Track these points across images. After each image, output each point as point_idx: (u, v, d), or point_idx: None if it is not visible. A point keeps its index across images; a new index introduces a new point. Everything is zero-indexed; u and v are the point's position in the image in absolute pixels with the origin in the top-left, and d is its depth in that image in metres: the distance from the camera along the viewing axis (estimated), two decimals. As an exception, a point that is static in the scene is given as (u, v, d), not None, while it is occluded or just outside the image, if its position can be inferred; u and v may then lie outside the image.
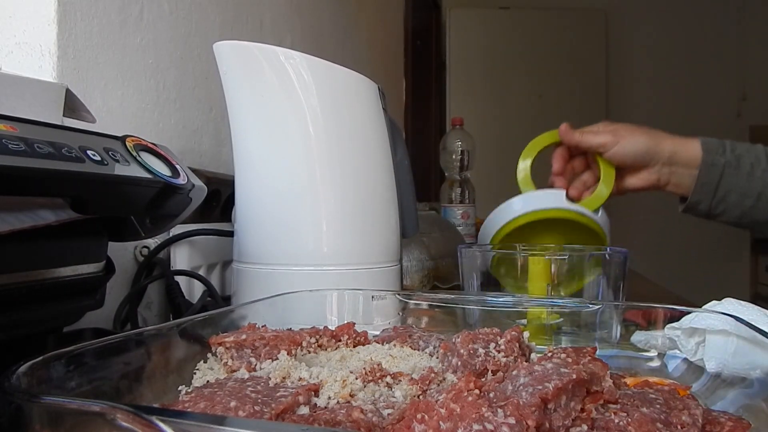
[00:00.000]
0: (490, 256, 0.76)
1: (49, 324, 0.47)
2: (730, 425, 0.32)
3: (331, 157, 0.66)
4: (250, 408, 0.31)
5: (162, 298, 0.74)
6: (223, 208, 0.89)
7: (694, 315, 0.48)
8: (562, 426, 0.30)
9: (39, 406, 0.26)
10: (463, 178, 1.51)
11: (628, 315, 0.52)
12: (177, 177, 0.51)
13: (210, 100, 0.95)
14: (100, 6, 0.70)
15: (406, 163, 0.78)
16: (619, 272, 0.71)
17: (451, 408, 0.29)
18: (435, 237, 1.11)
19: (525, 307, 0.59)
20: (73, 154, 0.41)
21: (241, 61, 0.66)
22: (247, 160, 0.68)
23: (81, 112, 0.55)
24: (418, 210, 0.83)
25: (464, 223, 1.46)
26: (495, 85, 3.63)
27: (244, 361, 0.42)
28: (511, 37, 3.65)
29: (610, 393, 0.34)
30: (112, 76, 0.73)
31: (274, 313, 0.53)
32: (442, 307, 0.59)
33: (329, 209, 0.66)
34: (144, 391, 0.39)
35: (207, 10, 0.95)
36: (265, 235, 0.66)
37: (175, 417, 0.24)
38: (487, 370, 0.41)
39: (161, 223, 0.55)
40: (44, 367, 0.31)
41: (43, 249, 0.44)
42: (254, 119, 0.67)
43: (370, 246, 0.68)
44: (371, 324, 0.55)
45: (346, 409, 0.32)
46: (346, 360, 0.45)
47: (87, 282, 0.48)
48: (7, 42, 0.62)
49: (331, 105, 0.66)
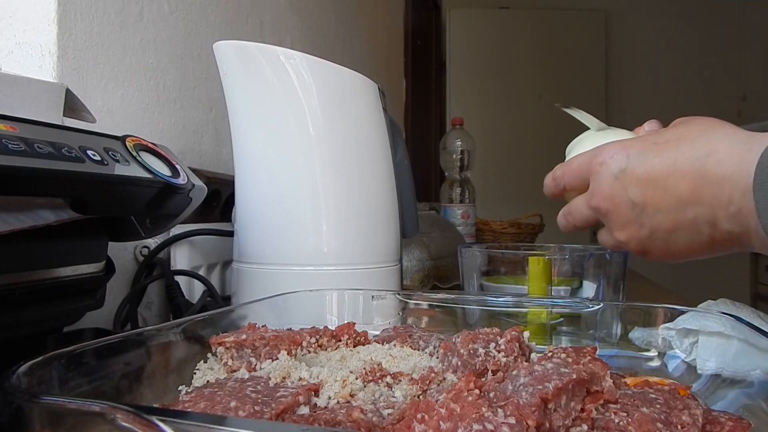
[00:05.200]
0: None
1: (49, 324, 0.47)
2: (730, 425, 0.32)
3: (331, 157, 0.66)
4: (250, 408, 0.31)
5: (162, 298, 0.74)
6: (223, 208, 0.89)
7: (688, 315, 0.48)
8: (562, 426, 0.30)
9: (39, 406, 0.26)
10: (463, 178, 1.51)
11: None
12: (177, 177, 0.51)
13: (210, 100, 0.95)
14: (100, 6, 0.70)
15: (406, 163, 0.78)
16: (619, 272, 0.71)
17: (451, 408, 0.29)
18: (435, 237, 1.11)
19: (525, 307, 0.59)
20: (73, 154, 0.41)
21: (241, 61, 0.66)
22: (247, 160, 0.68)
23: (81, 112, 0.55)
24: (418, 210, 0.83)
25: (464, 223, 1.46)
26: (495, 85, 3.63)
27: (244, 361, 0.42)
28: (511, 37, 3.65)
29: (610, 393, 0.34)
30: (112, 76, 0.73)
31: (274, 313, 0.53)
32: (442, 307, 0.59)
33: (329, 209, 0.66)
34: (144, 391, 0.39)
35: (207, 10, 0.95)
36: (265, 235, 0.66)
37: (175, 417, 0.24)
38: (487, 370, 0.41)
39: (161, 223, 0.55)
40: (44, 367, 0.31)
41: (43, 249, 0.44)
42: (254, 119, 0.67)
43: (370, 246, 0.68)
44: (371, 324, 0.55)
45: (346, 409, 0.32)
46: (346, 360, 0.45)
47: (87, 282, 0.48)
48: (7, 42, 0.62)
49: (331, 105, 0.66)
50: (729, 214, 0.40)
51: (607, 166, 0.47)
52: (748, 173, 0.38)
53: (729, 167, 0.40)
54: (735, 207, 0.40)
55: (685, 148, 0.43)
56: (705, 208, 0.42)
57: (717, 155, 0.41)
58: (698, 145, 0.42)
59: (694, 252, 0.45)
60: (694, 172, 0.42)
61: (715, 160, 0.41)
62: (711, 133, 0.43)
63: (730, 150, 0.40)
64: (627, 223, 0.47)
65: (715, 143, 0.41)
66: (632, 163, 0.45)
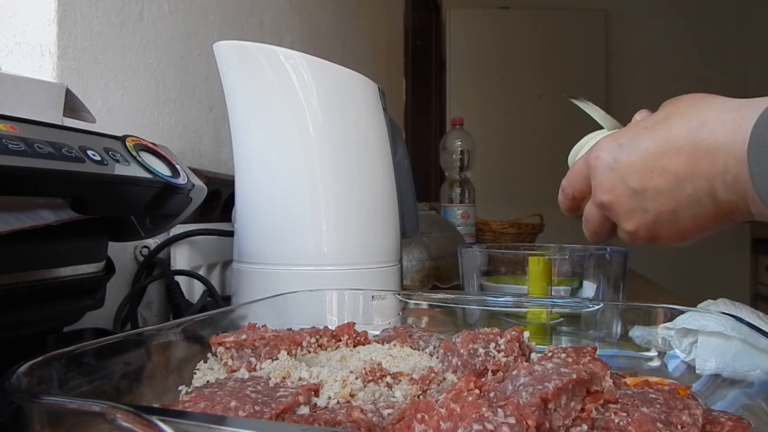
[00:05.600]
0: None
1: (49, 324, 0.47)
2: (730, 425, 0.32)
3: (331, 157, 0.66)
4: (250, 408, 0.31)
5: (162, 298, 0.74)
6: (223, 208, 0.89)
7: (687, 315, 0.48)
8: (562, 426, 0.30)
9: (39, 406, 0.26)
10: (463, 178, 1.51)
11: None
12: (177, 177, 0.51)
13: (210, 100, 0.95)
14: (100, 6, 0.70)
15: (406, 163, 0.78)
16: (619, 272, 0.71)
17: (451, 408, 0.29)
18: (435, 237, 1.11)
19: (525, 307, 0.59)
20: (73, 154, 0.41)
21: (241, 61, 0.66)
22: (247, 160, 0.68)
23: (81, 112, 0.55)
24: (418, 210, 0.83)
25: (464, 223, 1.46)
26: (495, 85, 3.63)
27: (244, 361, 0.42)
28: (511, 37, 3.65)
29: (610, 393, 0.34)
30: (112, 76, 0.73)
31: (274, 313, 0.53)
32: (442, 307, 0.59)
33: (329, 209, 0.66)
34: (144, 391, 0.39)
35: (207, 10, 0.95)
36: (265, 235, 0.66)
37: (175, 417, 0.24)
38: (487, 370, 0.41)
39: (161, 223, 0.55)
40: (44, 367, 0.32)
41: (43, 249, 0.44)
42: (254, 119, 0.67)
43: (370, 246, 0.68)
44: (371, 324, 0.55)
45: (346, 409, 0.32)
46: (346, 360, 0.45)
47: (87, 282, 0.48)
48: (7, 42, 0.62)
49: (331, 105, 0.66)
50: (726, 183, 0.39)
51: (602, 159, 0.46)
52: (742, 139, 0.37)
53: (722, 135, 0.39)
54: (731, 175, 0.39)
55: (676, 124, 0.42)
56: (702, 180, 0.41)
57: (709, 125, 0.40)
58: (689, 119, 0.41)
59: (701, 228, 0.44)
60: (688, 146, 0.41)
61: (708, 129, 0.40)
62: (701, 105, 0.42)
63: (722, 118, 0.39)
64: (631, 212, 0.46)
65: (705, 114, 0.40)
66: (625, 151, 0.45)
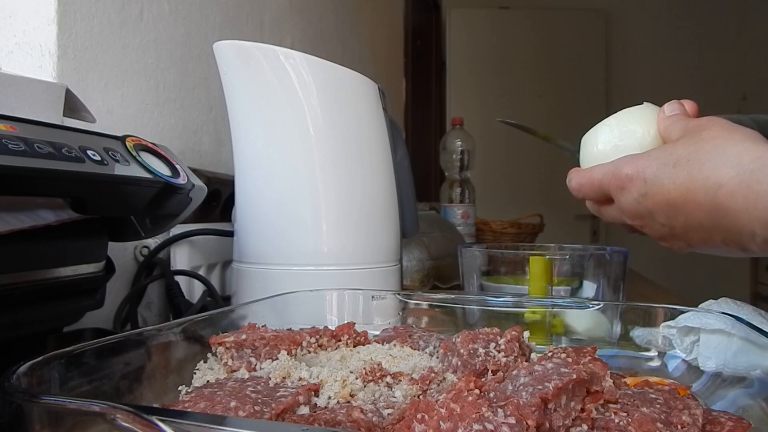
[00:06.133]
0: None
1: (49, 324, 0.47)
2: (730, 425, 0.32)
3: (331, 157, 0.66)
4: (250, 408, 0.31)
5: (162, 298, 0.74)
6: (223, 208, 0.89)
7: (689, 314, 0.48)
8: (562, 426, 0.30)
9: (39, 406, 0.26)
10: (463, 178, 1.51)
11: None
12: (177, 177, 0.51)
13: (210, 100, 0.95)
14: (100, 6, 0.70)
15: (406, 163, 0.78)
16: (619, 272, 0.71)
17: (451, 408, 0.29)
18: (435, 237, 1.11)
19: (525, 307, 0.58)
20: (73, 154, 0.41)
21: (241, 61, 0.66)
22: (247, 160, 0.68)
23: (81, 112, 0.55)
24: (418, 210, 0.83)
25: (464, 223, 1.46)
26: (495, 85, 3.63)
27: (244, 361, 0.42)
28: (511, 37, 3.65)
29: (610, 393, 0.34)
30: (112, 76, 0.73)
31: (274, 313, 0.53)
32: (442, 307, 0.59)
33: (329, 209, 0.66)
34: (144, 391, 0.39)
35: (207, 10, 0.95)
36: (265, 235, 0.66)
37: (175, 417, 0.24)
38: (487, 370, 0.41)
39: (161, 223, 0.55)
40: (44, 367, 0.32)
41: (43, 249, 0.44)
42: (254, 119, 0.67)
43: (370, 246, 0.68)
44: (371, 324, 0.55)
45: (346, 409, 0.32)
46: (346, 360, 0.45)
47: (87, 282, 0.48)
48: (7, 42, 0.62)
49: (331, 105, 0.66)
50: (757, 243, 0.41)
51: (628, 191, 0.47)
52: (763, 207, 0.39)
53: (741, 200, 0.40)
54: (760, 237, 0.40)
55: (695, 173, 0.43)
56: (730, 234, 0.42)
57: (727, 187, 0.41)
58: (707, 174, 0.42)
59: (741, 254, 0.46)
60: (708, 203, 0.42)
61: (726, 192, 0.41)
62: (717, 156, 0.43)
63: (739, 181, 0.40)
64: (663, 238, 0.49)
65: (722, 172, 0.41)
66: (650, 189, 0.46)
